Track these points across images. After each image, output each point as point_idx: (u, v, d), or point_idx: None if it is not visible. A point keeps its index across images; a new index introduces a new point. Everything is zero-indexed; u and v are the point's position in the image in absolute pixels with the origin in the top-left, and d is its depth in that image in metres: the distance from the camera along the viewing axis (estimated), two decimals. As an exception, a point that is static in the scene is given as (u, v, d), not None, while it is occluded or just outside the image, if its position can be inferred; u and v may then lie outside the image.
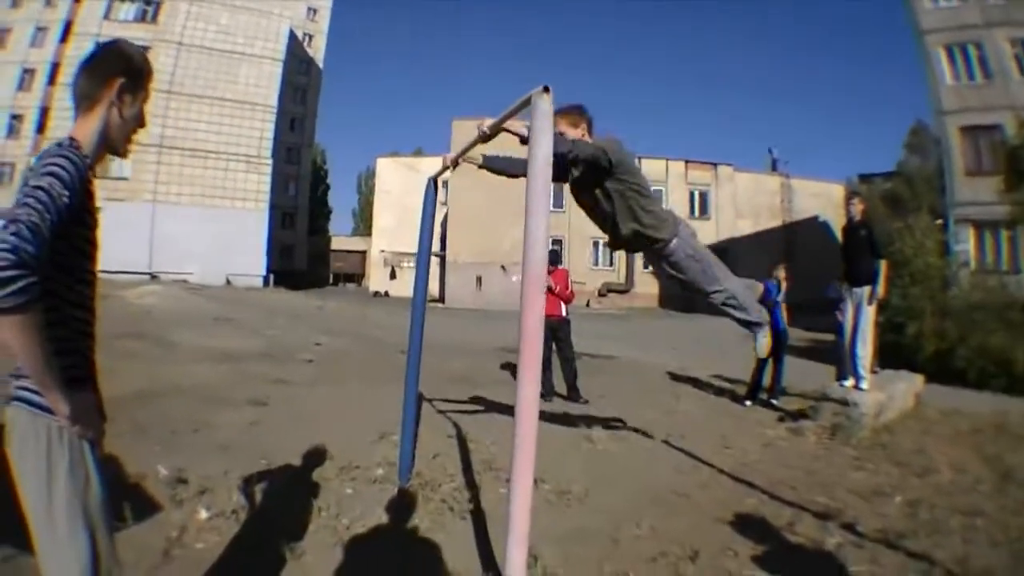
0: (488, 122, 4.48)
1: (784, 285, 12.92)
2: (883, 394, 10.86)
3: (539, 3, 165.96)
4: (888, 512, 6.54)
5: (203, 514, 5.36)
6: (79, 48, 46.43)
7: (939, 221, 32.41)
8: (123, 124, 2.70)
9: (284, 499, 5.83)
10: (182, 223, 46.36)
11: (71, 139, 2.52)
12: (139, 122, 2.78)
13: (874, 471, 8.08)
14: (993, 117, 32.38)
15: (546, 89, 3.01)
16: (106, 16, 49.10)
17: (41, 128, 49.27)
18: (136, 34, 47.48)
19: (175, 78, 48.68)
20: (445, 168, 5.67)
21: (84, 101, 2.65)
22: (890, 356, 16.07)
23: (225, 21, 50.98)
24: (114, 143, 2.71)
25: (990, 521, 6.35)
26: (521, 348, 3.03)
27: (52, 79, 49.46)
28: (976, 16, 33.63)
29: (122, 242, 41.52)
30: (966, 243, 32.88)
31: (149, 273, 43.02)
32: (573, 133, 5.25)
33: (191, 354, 14.22)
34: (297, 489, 6.04)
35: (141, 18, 49.74)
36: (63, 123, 44.77)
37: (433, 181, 5.81)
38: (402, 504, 5.92)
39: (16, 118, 51.21)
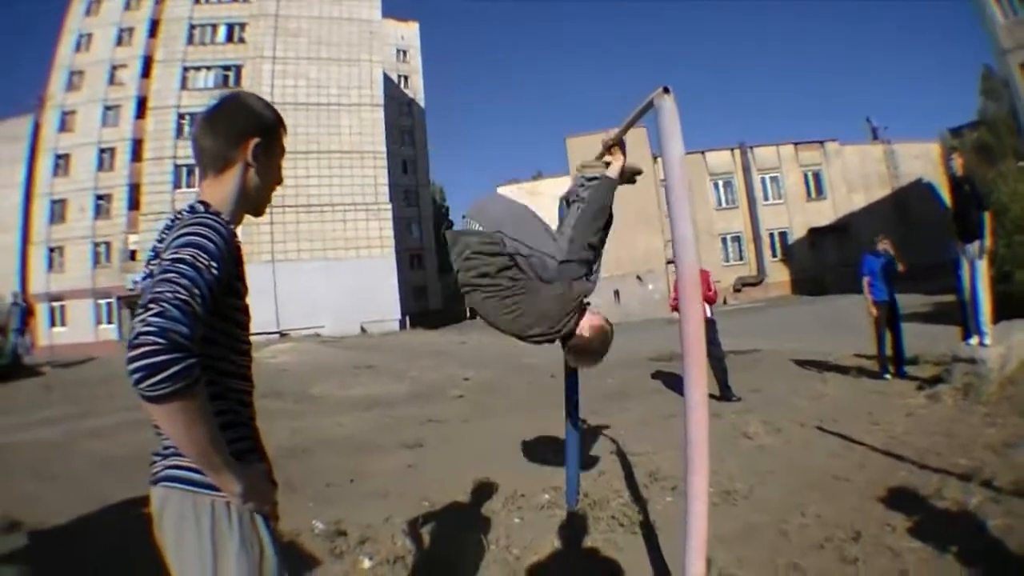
0: (613, 132, 4.43)
1: (892, 254, 12.99)
2: (1003, 347, 10.84)
3: (643, 10, 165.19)
4: (1020, 462, 6.65)
5: (366, 563, 5.37)
6: (160, 122, 48.20)
7: (1022, 163, 31.72)
8: (261, 185, 2.61)
9: (451, 538, 5.86)
10: (306, 278, 46.68)
11: (204, 203, 2.45)
12: (276, 179, 2.70)
13: (1003, 424, 8.18)
14: None
15: (666, 90, 3.04)
16: (183, 86, 49.93)
17: (134, 205, 50.26)
18: (220, 99, 48.62)
19: (275, 138, 48.90)
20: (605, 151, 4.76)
21: (214, 162, 2.52)
22: (1002, 306, 15.70)
23: (315, 75, 51.10)
24: (253, 204, 2.64)
25: None
26: (685, 352, 3.08)
27: (136, 155, 50.48)
28: None
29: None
30: (1050, 181, 31.83)
31: (278, 332, 43.19)
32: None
33: (335, 405, 14.34)
34: (463, 526, 6.08)
35: (223, 83, 50.10)
36: (160, 196, 46.69)
37: (564, 202, 5.93)
38: (572, 527, 6.01)
39: (102, 198, 52.10)
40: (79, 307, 50.47)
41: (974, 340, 10.81)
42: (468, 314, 71.23)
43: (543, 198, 5.84)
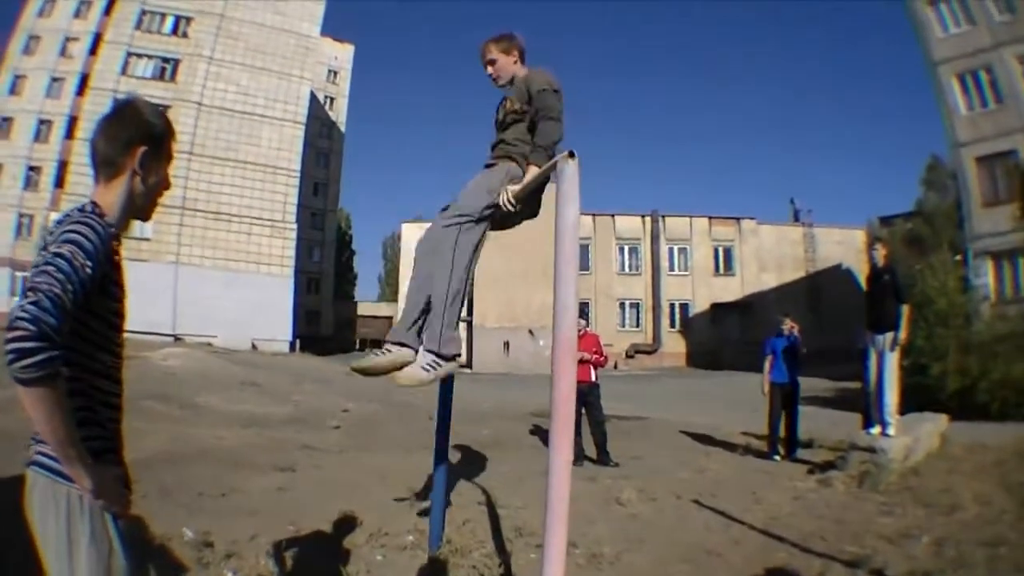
0: (512, 189, 4.23)
1: (797, 335, 13.08)
2: (909, 437, 10.91)
3: (561, 64, 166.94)
4: (916, 553, 6.60)
5: None
6: (96, 103, 46.80)
7: (958, 257, 32.30)
8: (147, 191, 2.68)
9: (312, 565, 5.83)
10: (206, 286, 46.26)
11: (94, 204, 2.53)
12: (164, 185, 2.75)
13: (901, 514, 8.11)
14: (1007, 143, 32.34)
15: (571, 154, 2.99)
16: (123, 71, 49.33)
17: (60, 182, 49.43)
18: (154, 92, 47.61)
19: (196, 139, 48.59)
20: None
21: (105, 167, 2.62)
22: (914, 397, 16.03)
23: (245, 82, 50.96)
24: (139, 209, 2.71)
25: (1013, 548, 6.48)
26: (553, 416, 2.95)
27: (70, 132, 49.71)
28: (986, 38, 33.60)
29: (145, 303, 41.62)
30: (985, 276, 32.55)
31: (173, 335, 42.71)
32: (505, 62, 4.60)
33: (217, 417, 14.30)
34: (326, 555, 6.01)
35: (159, 75, 49.83)
36: (82, 179, 45.26)
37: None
38: (432, 572, 5.88)
39: (34, 169, 51.32)
40: (-2, 274, 49.30)
41: (876, 429, 10.76)
42: (357, 345, 71.02)
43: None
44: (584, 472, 10.70)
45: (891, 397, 10.72)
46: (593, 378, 11.79)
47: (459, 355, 4.25)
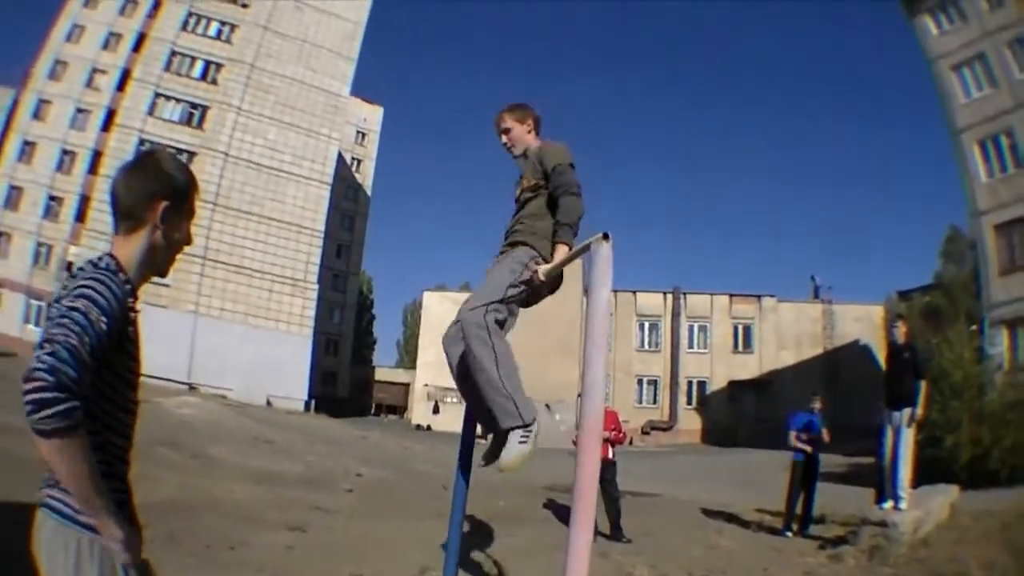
0: (544, 268, 4.24)
1: (821, 417, 13.07)
2: (920, 510, 10.94)
3: (585, 145, 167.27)
4: None
5: None
6: (122, 140, 47.36)
7: (974, 327, 32.05)
8: (168, 246, 2.62)
9: None
10: (224, 338, 45.98)
11: (112, 257, 2.48)
12: (185, 242, 2.69)
13: None
14: None
15: (606, 236, 2.95)
16: (151, 112, 49.22)
17: (81, 216, 49.01)
18: (181, 137, 48.21)
19: (221, 190, 48.46)
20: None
21: (126, 220, 2.56)
22: (928, 470, 15.82)
23: (273, 136, 50.80)
24: (158, 265, 2.65)
25: None
26: (576, 496, 2.82)
27: (94, 167, 49.33)
28: (1007, 99, 33.55)
29: (161, 349, 41.66)
30: (1000, 345, 32.09)
31: (188, 383, 42.45)
32: (520, 131, 4.56)
33: (229, 470, 14.24)
34: None
35: (187, 121, 49.63)
36: (103, 215, 44.66)
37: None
38: None
39: (55, 200, 50.56)
40: (13, 299, 48.89)
41: (888, 504, 10.74)
42: (372, 410, 70.68)
43: None
44: (596, 548, 10.38)
45: (905, 472, 10.72)
46: (610, 455, 11.80)
47: (536, 415, 4.19)
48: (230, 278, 48.54)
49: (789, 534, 12.29)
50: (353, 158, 77.77)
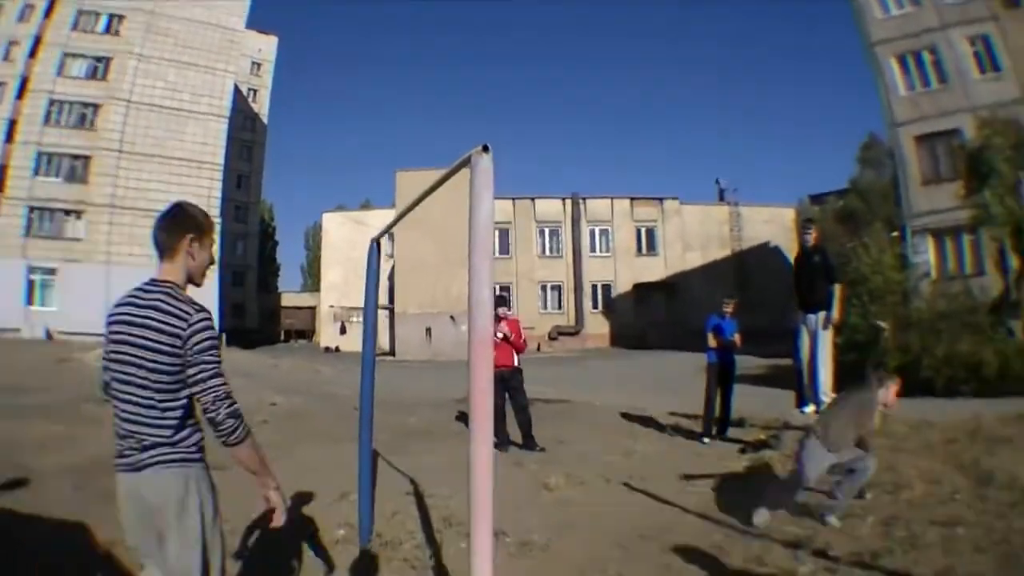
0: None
1: (736, 319, 12.93)
2: None
3: (478, 57, 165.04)
4: (861, 534, 6.59)
5: None
6: (34, 106, 46.97)
7: (895, 234, 32.53)
8: (197, 266, 3.73)
9: (246, 562, 5.80)
10: (136, 284, 44.97)
11: (166, 280, 3.63)
12: (210, 261, 3.82)
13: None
14: (950, 122, 32.75)
15: (485, 148, 3.02)
16: (59, 72, 48.44)
17: (0, 187, 47.87)
18: (87, 91, 47.89)
19: (125, 136, 48.30)
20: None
21: (166, 251, 3.67)
22: (851, 375, 16.04)
23: (172, 78, 50.41)
24: (194, 278, 3.77)
25: (972, 528, 6.41)
26: (472, 408, 3.01)
27: (10, 136, 48.24)
28: (932, 19, 34.00)
29: (79, 304, 41.16)
30: (926, 253, 32.92)
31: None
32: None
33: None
34: (258, 551, 5.99)
35: (92, 75, 49.14)
36: (22, 182, 46.04)
37: (376, 243, 5.79)
38: (363, 566, 5.93)
39: None
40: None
41: (810, 408, 10.84)
42: (282, 337, 70.51)
43: (369, 230, 5.65)
44: (510, 458, 10.70)
45: (825, 375, 10.89)
46: (515, 363, 11.76)
47: None
48: (137, 223, 47.27)
49: (707, 440, 12.21)
50: (249, 89, 77.06)
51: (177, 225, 3.69)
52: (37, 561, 5.55)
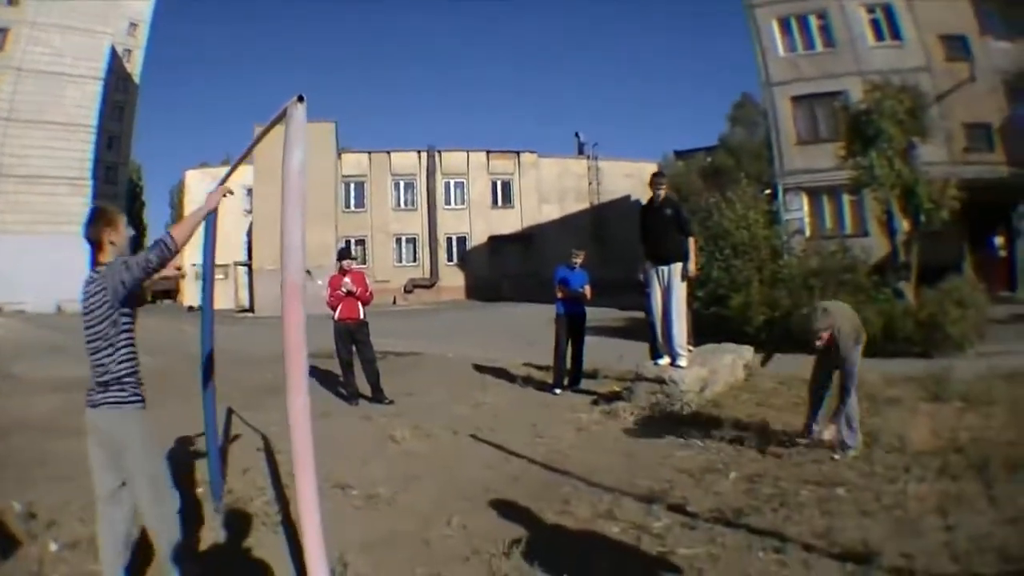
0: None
1: (585, 270, 13.11)
2: (705, 369, 11.07)
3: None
4: (723, 490, 6.60)
5: (52, 547, 5.51)
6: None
7: (768, 192, 33.07)
8: (118, 248, 4.74)
9: None
10: (15, 252, 44.42)
11: (108, 264, 4.59)
12: (129, 238, 4.87)
13: (703, 448, 8.01)
14: (834, 85, 33.17)
15: (300, 99, 3.14)
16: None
17: None
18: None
19: (14, 104, 47.35)
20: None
21: (95, 243, 4.66)
22: (713, 329, 16.28)
23: (58, 43, 49.12)
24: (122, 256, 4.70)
25: (857, 490, 6.32)
26: (286, 359, 3.08)
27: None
28: None
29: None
30: (800, 211, 33.86)
31: (-7, 306, 41.32)
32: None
33: (30, 386, 14.21)
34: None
35: (-8, 46, 47.77)
36: None
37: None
38: (216, 523, 6.03)
39: None
40: None
41: (664, 360, 10.92)
42: (149, 297, 69.09)
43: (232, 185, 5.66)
44: (358, 411, 10.99)
45: (680, 327, 10.86)
46: (361, 315, 11.95)
47: None
48: (20, 190, 47.15)
49: (559, 391, 12.41)
50: (124, 49, 74.66)
51: (95, 223, 4.68)
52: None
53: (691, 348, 11.76)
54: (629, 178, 57.33)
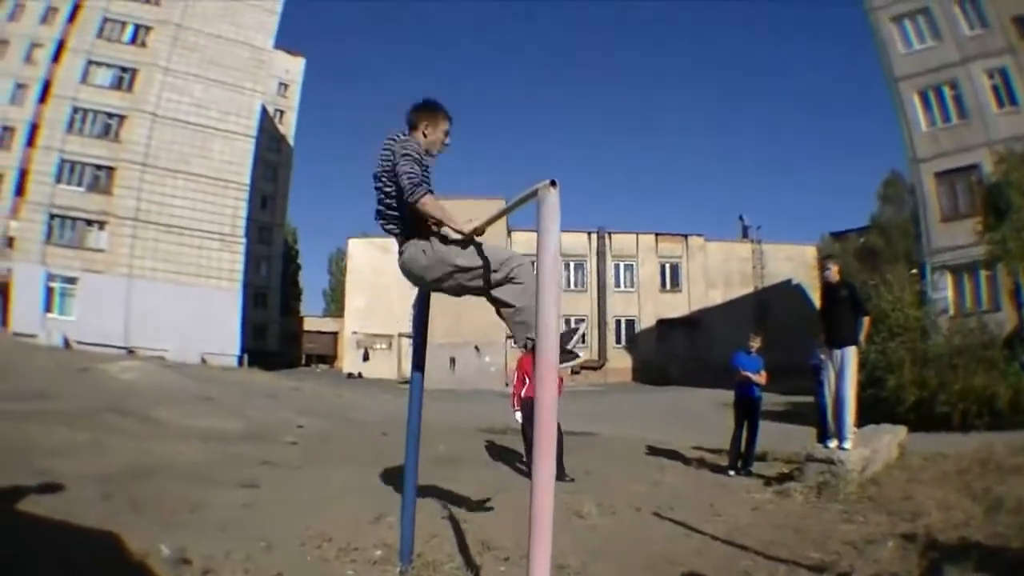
0: (477, 223, 4.79)
1: (761, 355, 13.12)
2: (867, 449, 11.01)
3: (514, 80, 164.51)
4: (882, 557, 6.62)
5: None
6: (57, 111, 47.07)
7: (915, 271, 32.48)
8: (433, 141, 5.11)
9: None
10: (157, 299, 45.60)
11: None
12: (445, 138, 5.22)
13: (864, 522, 8.14)
14: (969, 158, 32.87)
15: (553, 183, 3.13)
16: (83, 80, 48.61)
17: (20, 191, 47.99)
18: (112, 101, 48.17)
19: (150, 151, 48.38)
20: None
21: (410, 126, 5.05)
22: (870, 411, 15.97)
23: (199, 94, 50.53)
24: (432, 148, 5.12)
25: (984, 550, 6.46)
26: (537, 431, 3.09)
27: (31, 140, 48.40)
28: (953, 53, 34.17)
29: (99, 315, 41.43)
30: (944, 290, 33.03)
31: (126, 347, 42.50)
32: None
33: (177, 432, 14.05)
34: (299, 570, 5.96)
35: (117, 85, 49.30)
36: (42, 187, 45.93)
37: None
38: None
39: None
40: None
41: (832, 442, 10.86)
42: (303, 360, 70.44)
43: (392, 257, 5.69)
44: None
45: (851, 411, 10.77)
46: None
47: None
48: (160, 238, 48.13)
49: (731, 472, 12.37)
50: (276, 110, 77.28)
51: (417, 110, 5.13)
52: (64, 570, 5.44)
53: (855, 431, 11.51)
54: (790, 261, 58.05)
